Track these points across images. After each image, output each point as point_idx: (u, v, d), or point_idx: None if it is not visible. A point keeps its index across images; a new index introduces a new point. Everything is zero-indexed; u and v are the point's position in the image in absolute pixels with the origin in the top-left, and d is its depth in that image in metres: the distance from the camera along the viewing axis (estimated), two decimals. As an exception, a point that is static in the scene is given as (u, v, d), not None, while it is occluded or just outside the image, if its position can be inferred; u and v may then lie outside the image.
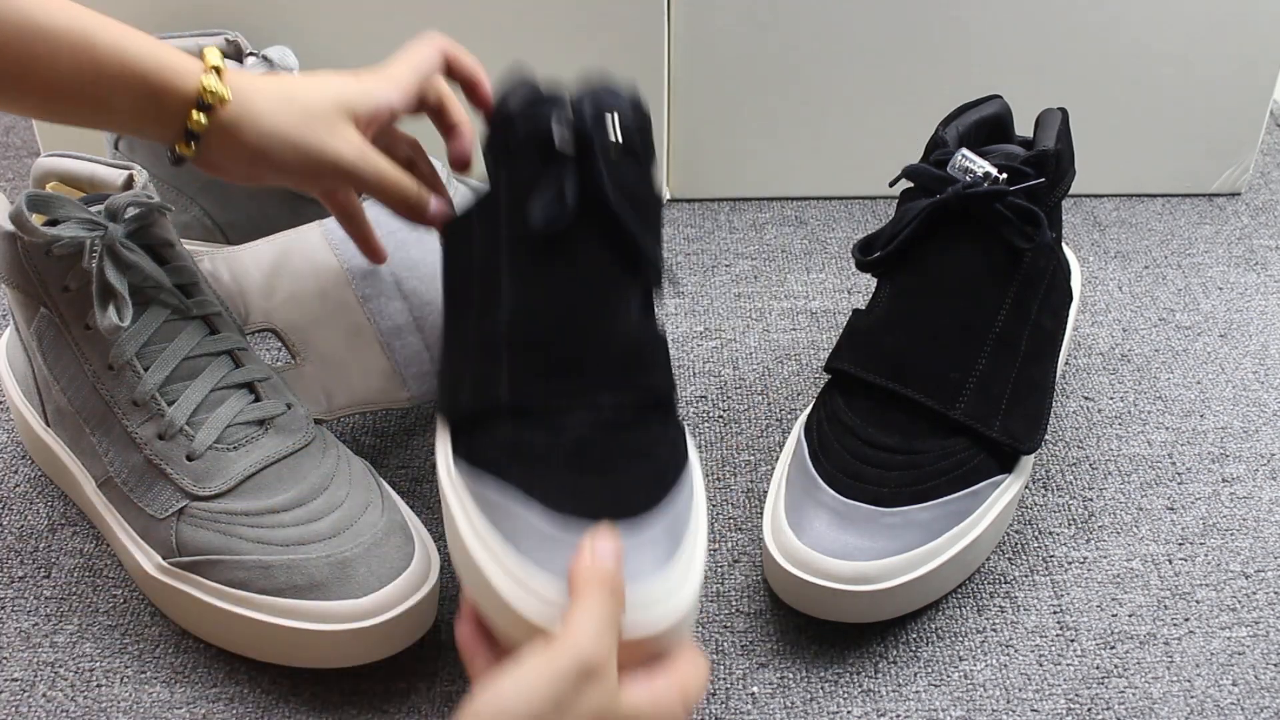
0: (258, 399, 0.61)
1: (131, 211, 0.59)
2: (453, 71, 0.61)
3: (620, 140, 0.54)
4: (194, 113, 0.51)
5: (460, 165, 0.61)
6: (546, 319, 0.53)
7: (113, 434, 0.60)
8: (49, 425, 0.65)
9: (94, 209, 0.58)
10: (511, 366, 0.53)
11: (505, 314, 0.53)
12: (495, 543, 0.49)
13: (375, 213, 0.68)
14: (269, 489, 0.58)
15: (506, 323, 0.53)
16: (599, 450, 0.51)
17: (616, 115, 0.54)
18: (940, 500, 0.60)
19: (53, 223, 0.58)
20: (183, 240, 0.65)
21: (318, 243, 0.68)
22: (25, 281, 0.60)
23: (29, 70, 0.49)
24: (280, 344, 0.66)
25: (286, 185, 0.57)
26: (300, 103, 0.54)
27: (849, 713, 0.57)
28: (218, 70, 0.52)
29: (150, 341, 0.59)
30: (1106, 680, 0.58)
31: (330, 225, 0.68)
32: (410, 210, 0.58)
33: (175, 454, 0.58)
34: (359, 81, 0.56)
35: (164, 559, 0.58)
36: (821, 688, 0.58)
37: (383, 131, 0.58)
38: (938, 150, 0.66)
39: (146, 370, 0.59)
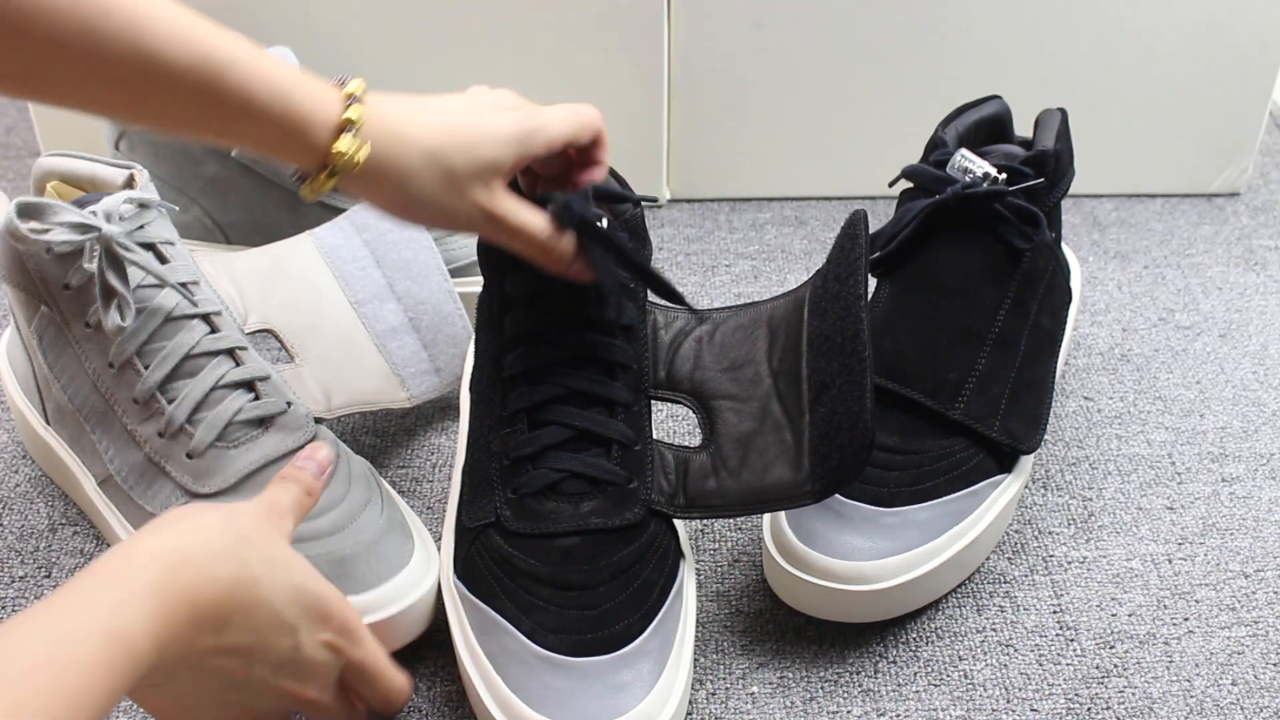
0: (258, 397, 0.61)
1: (128, 210, 0.59)
2: (588, 150, 0.58)
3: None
4: (323, 175, 0.49)
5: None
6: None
7: (113, 432, 0.60)
8: (49, 424, 0.65)
9: (89, 209, 0.58)
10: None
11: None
12: (487, 668, 0.53)
13: (363, 215, 0.68)
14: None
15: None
16: (585, 572, 0.54)
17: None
18: (940, 500, 0.60)
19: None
20: (183, 240, 0.65)
21: (309, 252, 0.69)
22: (25, 280, 0.60)
23: (147, 104, 0.46)
24: (279, 344, 0.67)
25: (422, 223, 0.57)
26: (444, 164, 0.51)
27: (849, 713, 0.57)
28: (352, 122, 0.49)
29: (151, 339, 0.59)
30: (1106, 680, 0.58)
31: (321, 234, 0.69)
32: (549, 264, 0.55)
33: (175, 452, 0.59)
34: (516, 125, 0.53)
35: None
36: (821, 688, 0.58)
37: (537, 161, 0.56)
38: (937, 150, 0.66)
39: (147, 368, 0.59)
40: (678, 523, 0.60)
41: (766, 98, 0.91)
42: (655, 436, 0.59)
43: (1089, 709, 0.57)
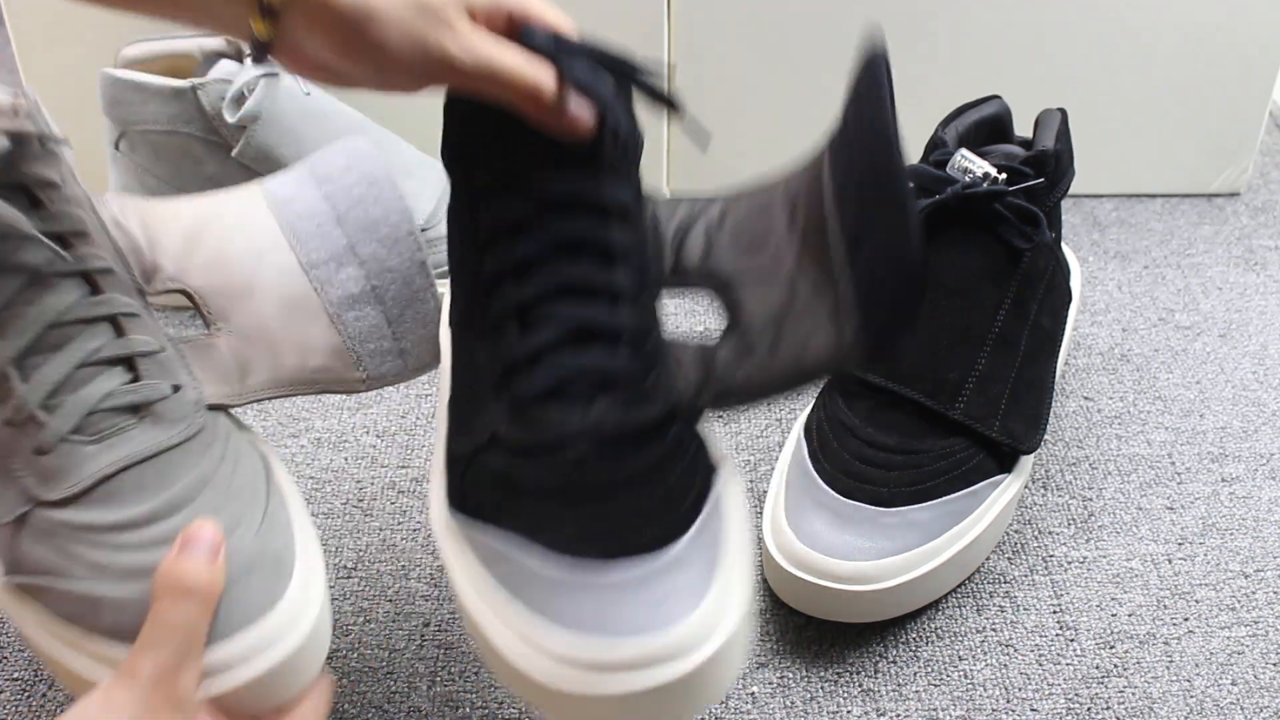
0: (136, 379, 0.48)
1: None
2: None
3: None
4: None
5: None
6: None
7: None
8: None
9: None
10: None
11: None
12: (499, 598, 0.44)
13: (325, 164, 0.58)
14: (122, 497, 0.46)
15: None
16: (601, 480, 0.45)
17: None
18: (940, 500, 0.60)
19: None
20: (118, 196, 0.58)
21: (255, 201, 0.57)
22: None
23: None
24: (193, 309, 0.55)
25: (375, 83, 0.46)
26: None
27: (849, 712, 0.57)
28: None
29: (10, 303, 0.46)
30: (1106, 680, 0.59)
31: (272, 185, 0.58)
32: (543, 110, 0.46)
33: (23, 446, 0.46)
34: None
35: (5, 573, 0.47)
36: (821, 688, 0.58)
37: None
38: (937, 150, 0.66)
39: (1, 336, 0.46)
40: (702, 428, 0.50)
41: (767, 97, 0.91)
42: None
43: (1089, 709, 0.57)
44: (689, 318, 0.81)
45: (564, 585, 0.43)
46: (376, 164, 0.56)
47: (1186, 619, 0.62)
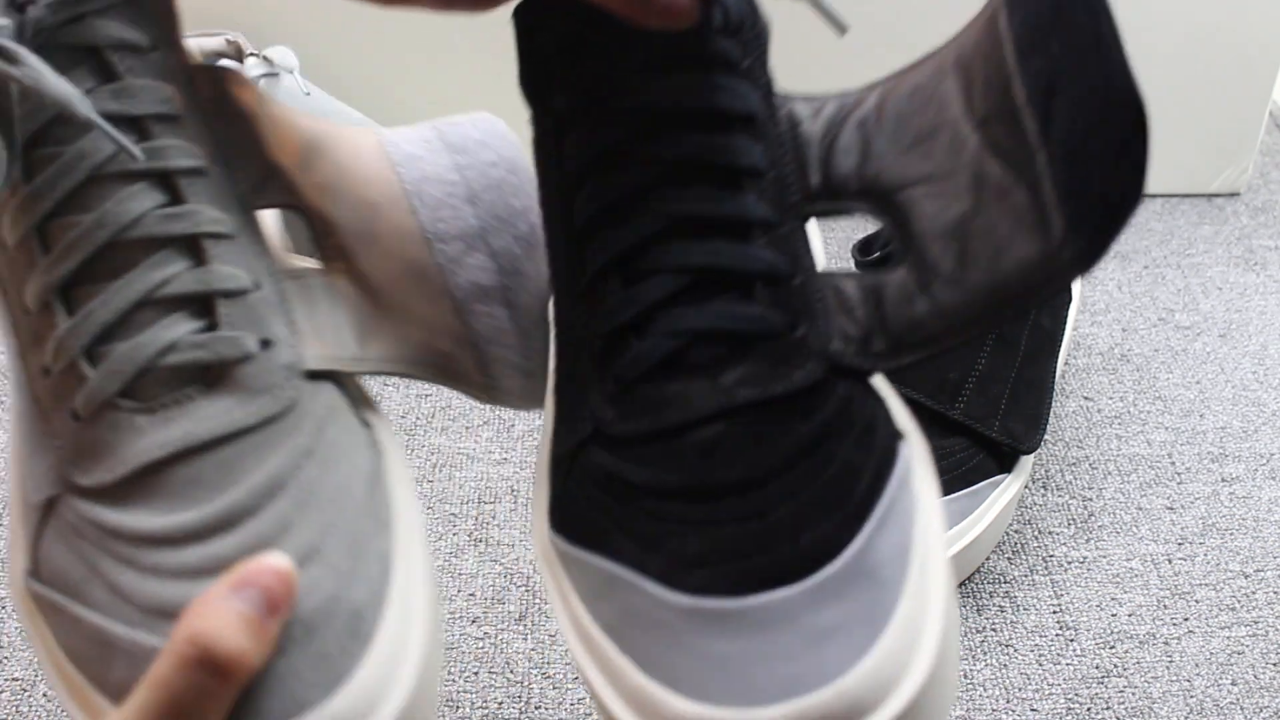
0: (213, 326, 0.35)
1: None
2: None
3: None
4: None
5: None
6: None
7: (10, 349, 0.37)
8: None
9: None
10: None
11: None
12: (606, 650, 0.33)
13: (458, 132, 0.45)
14: (168, 496, 0.33)
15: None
16: (740, 467, 0.33)
17: None
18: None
19: None
20: None
21: (371, 145, 0.44)
22: None
23: None
24: (309, 231, 0.43)
25: None
26: None
27: (849, 712, 0.57)
28: None
29: (62, 208, 0.35)
30: (1106, 680, 0.59)
31: (393, 138, 0.45)
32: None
33: (61, 404, 0.35)
34: None
35: (26, 570, 0.35)
36: (821, 687, 0.58)
37: None
38: (937, 150, 0.66)
39: (47, 253, 0.35)
40: (882, 387, 0.39)
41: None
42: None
43: (1089, 709, 0.57)
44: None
45: (684, 633, 0.31)
46: (517, 150, 0.44)
47: (1186, 619, 0.62)
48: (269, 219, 0.42)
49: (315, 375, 0.37)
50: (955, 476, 0.61)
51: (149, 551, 0.33)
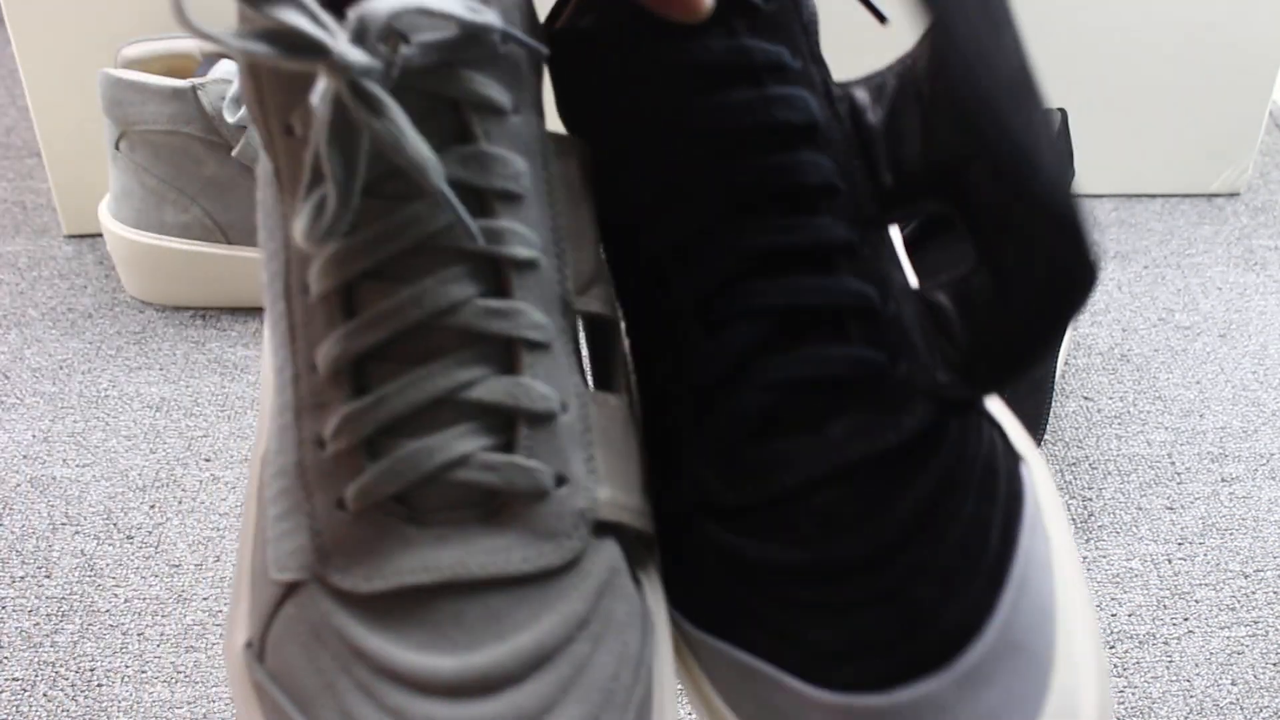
0: (509, 446, 0.31)
1: (424, 34, 0.30)
2: None
3: None
4: None
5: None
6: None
7: (284, 392, 0.33)
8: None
9: (341, 21, 0.29)
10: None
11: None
12: None
13: None
14: (430, 631, 0.30)
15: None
16: (862, 540, 0.31)
17: None
18: (940, 500, 0.60)
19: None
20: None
21: None
22: (250, 98, 0.33)
23: None
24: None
25: None
26: None
27: (849, 712, 0.57)
28: None
29: (379, 271, 0.31)
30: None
31: None
32: None
33: (327, 485, 0.31)
34: None
35: (249, 645, 0.32)
36: (821, 687, 0.58)
37: None
38: (937, 150, 0.66)
39: (352, 318, 0.31)
40: (992, 404, 0.36)
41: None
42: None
43: (1089, 709, 0.57)
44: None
45: None
46: None
47: (1186, 619, 0.62)
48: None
49: (602, 526, 0.32)
50: (955, 476, 0.61)
51: (394, 690, 0.29)
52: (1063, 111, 0.70)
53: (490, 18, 0.30)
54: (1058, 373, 0.70)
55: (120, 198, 0.81)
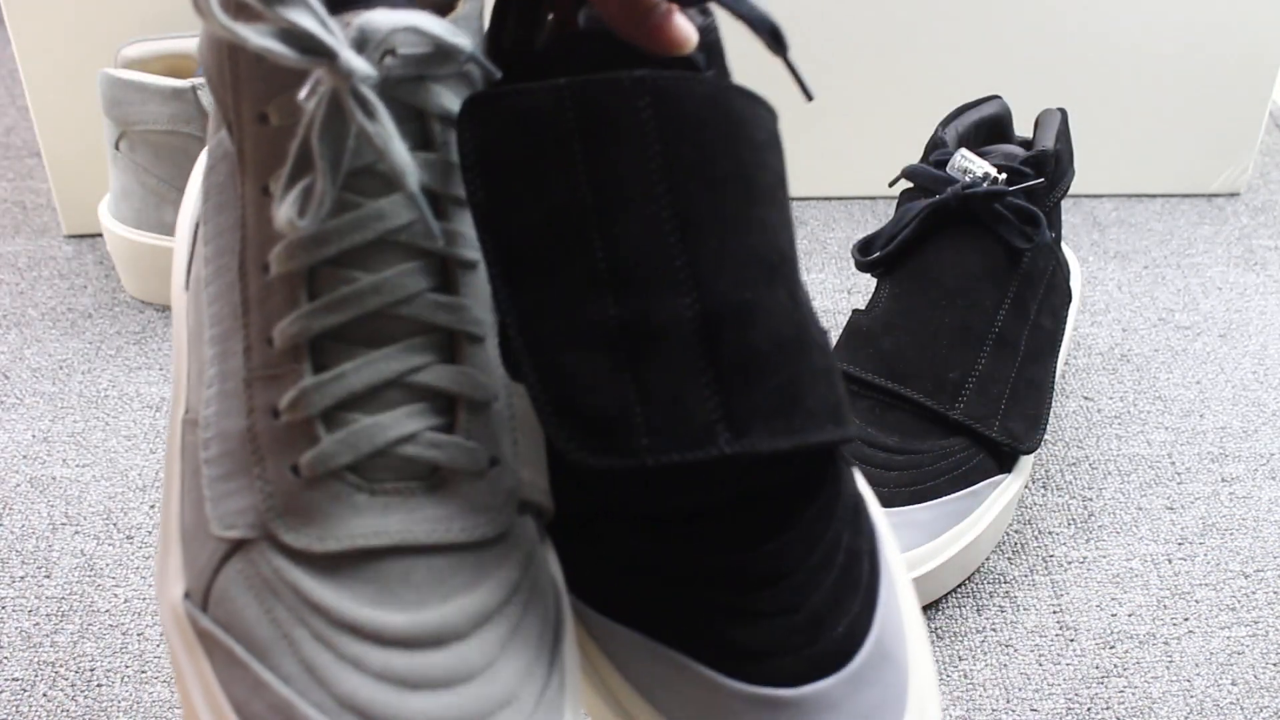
0: (450, 427, 0.35)
1: (408, 45, 0.34)
2: None
3: None
4: None
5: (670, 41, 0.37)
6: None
7: (227, 364, 0.36)
8: (186, 288, 0.41)
9: (346, 19, 0.33)
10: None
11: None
12: (642, 708, 0.36)
13: None
14: (381, 589, 0.33)
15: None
16: (765, 552, 0.36)
17: None
18: (940, 500, 0.60)
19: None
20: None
21: None
22: (218, 82, 0.37)
23: None
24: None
25: None
26: None
27: (849, 712, 0.57)
28: None
29: (340, 260, 0.34)
30: (1106, 680, 0.59)
31: None
32: (636, 4, 0.36)
33: (282, 453, 0.34)
34: None
35: (185, 595, 0.35)
36: (821, 687, 0.58)
37: None
38: (937, 150, 0.66)
39: (312, 300, 0.34)
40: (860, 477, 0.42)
41: (766, 97, 0.91)
42: None
43: (1089, 709, 0.57)
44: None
45: (744, 714, 0.34)
46: None
47: (1186, 619, 0.62)
48: None
49: (524, 504, 0.36)
50: (955, 476, 0.61)
51: (351, 640, 0.32)
52: (1063, 111, 0.70)
53: (463, 40, 0.34)
54: (1058, 373, 0.70)
55: (120, 198, 0.81)
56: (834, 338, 0.81)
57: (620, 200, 0.35)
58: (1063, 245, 0.72)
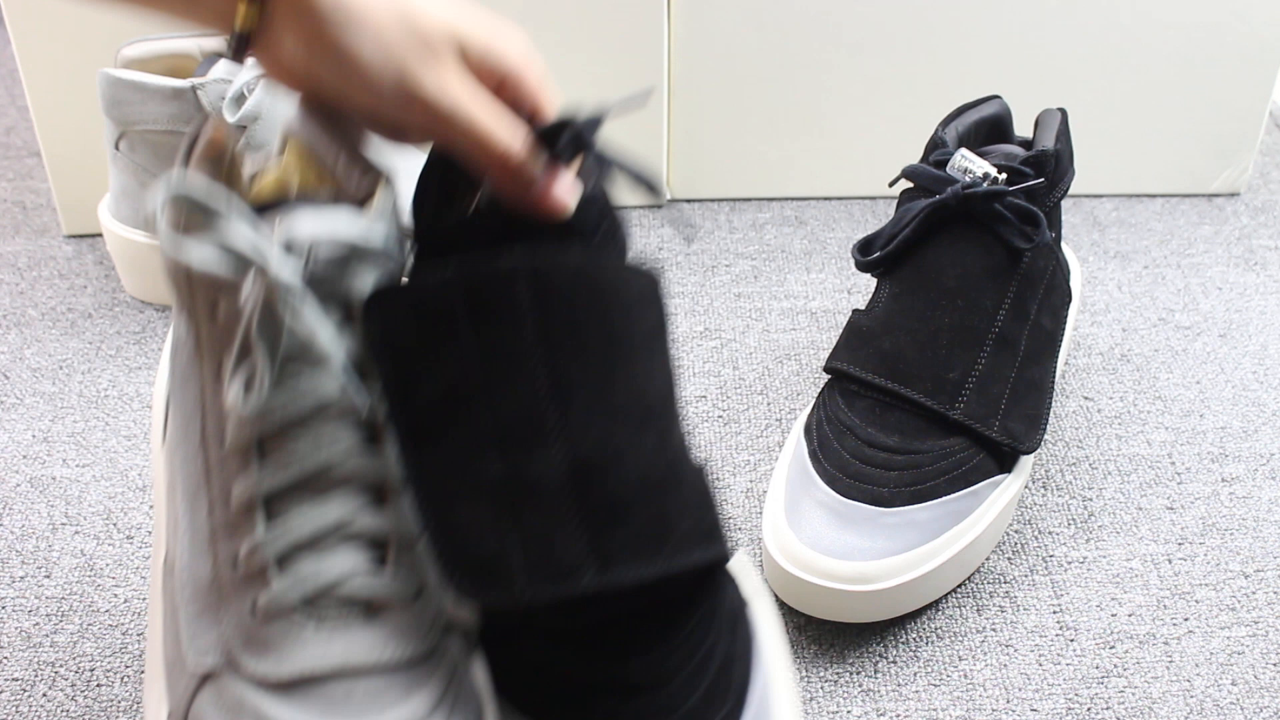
0: (382, 563, 0.42)
1: (326, 248, 0.40)
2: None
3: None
4: None
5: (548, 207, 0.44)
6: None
7: (197, 519, 0.43)
8: (164, 444, 0.49)
9: (270, 228, 0.40)
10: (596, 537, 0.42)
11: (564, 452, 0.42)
12: None
13: None
14: (325, 708, 0.40)
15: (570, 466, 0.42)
16: (646, 660, 0.43)
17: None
18: (940, 500, 0.60)
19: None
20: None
21: None
22: (175, 279, 0.43)
23: None
24: None
25: (347, 107, 0.43)
26: (404, 5, 0.41)
27: (849, 712, 0.57)
28: None
29: (285, 431, 0.41)
30: (1106, 680, 0.58)
31: None
32: (518, 181, 0.43)
33: (242, 595, 0.41)
34: (479, 16, 0.44)
35: (167, 717, 0.42)
36: (821, 688, 0.58)
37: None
38: (937, 150, 0.66)
39: (263, 463, 0.41)
40: (734, 564, 0.49)
41: (766, 98, 0.91)
42: None
43: (1089, 709, 0.57)
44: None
45: None
46: None
47: (1186, 619, 0.62)
48: None
49: (449, 625, 0.43)
50: (955, 476, 0.61)
51: None
52: (1063, 111, 0.70)
53: (377, 234, 0.41)
54: (1058, 373, 0.70)
55: (120, 198, 0.81)
56: (834, 338, 0.81)
57: (502, 372, 0.41)
58: (1063, 245, 0.72)
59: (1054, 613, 0.62)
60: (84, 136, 0.86)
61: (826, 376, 0.70)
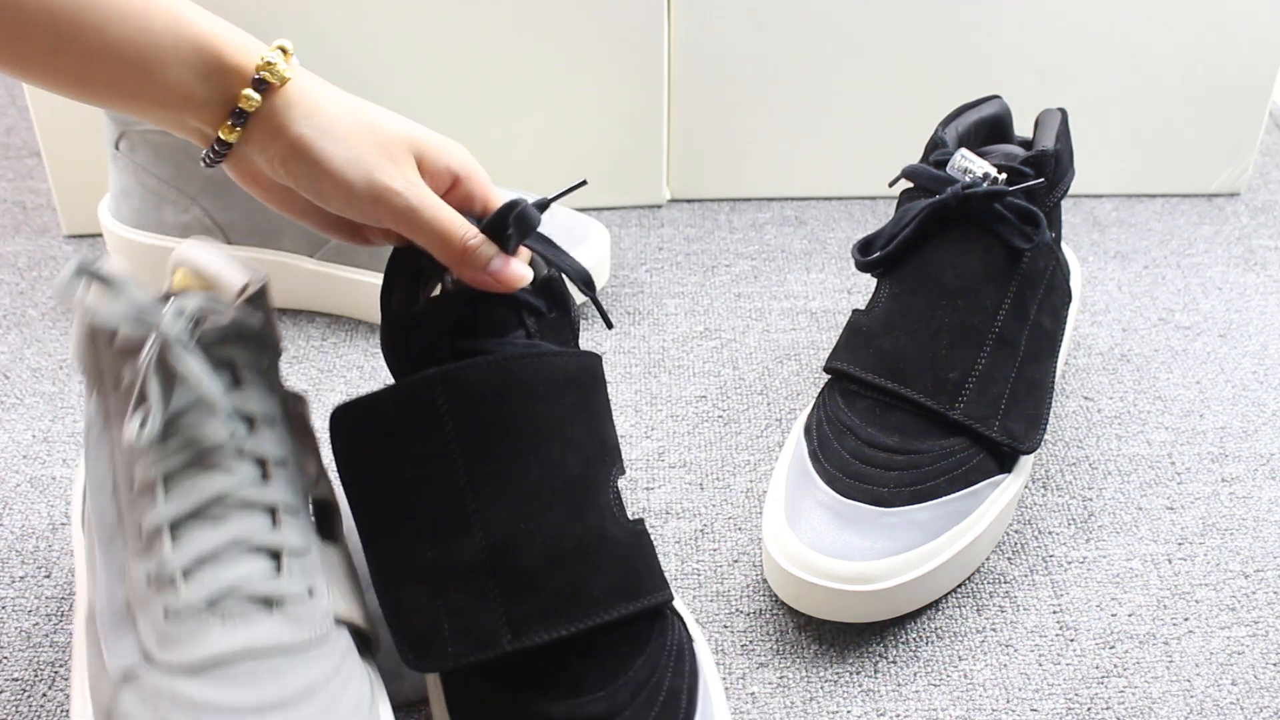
0: (278, 570, 0.49)
1: (213, 315, 0.50)
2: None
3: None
4: (248, 90, 0.47)
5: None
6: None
7: (110, 557, 0.50)
8: (83, 527, 0.57)
9: (171, 298, 0.50)
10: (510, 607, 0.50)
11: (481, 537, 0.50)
12: None
13: None
14: (232, 681, 0.46)
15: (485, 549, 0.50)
16: (600, 695, 0.49)
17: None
18: (940, 500, 0.60)
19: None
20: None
21: None
22: (89, 361, 0.52)
23: (76, 34, 0.45)
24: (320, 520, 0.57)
25: (319, 212, 0.52)
26: (367, 118, 0.49)
27: (849, 712, 0.57)
28: (284, 51, 0.48)
29: (183, 469, 0.49)
30: (1106, 680, 0.59)
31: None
32: (474, 265, 0.51)
33: (154, 605, 0.48)
34: (428, 130, 0.52)
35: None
36: (821, 688, 0.58)
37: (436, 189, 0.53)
38: (937, 150, 0.66)
39: (167, 497, 0.49)
40: (684, 610, 0.56)
41: (766, 98, 0.91)
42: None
43: (1089, 709, 0.57)
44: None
45: None
46: None
47: (1186, 619, 0.62)
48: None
49: (339, 621, 0.50)
50: (955, 476, 0.61)
51: (215, 714, 0.45)
52: (1063, 111, 0.70)
53: (255, 321, 0.51)
54: (1058, 373, 0.70)
55: (120, 198, 0.81)
56: (834, 338, 0.81)
57: (431, 470, 0.50)
58: (1063, 245, 0.72)
59: (1054, 613, 0.62)
60: (84, 136, 0.86)
61: (826, 376, 0.70)
